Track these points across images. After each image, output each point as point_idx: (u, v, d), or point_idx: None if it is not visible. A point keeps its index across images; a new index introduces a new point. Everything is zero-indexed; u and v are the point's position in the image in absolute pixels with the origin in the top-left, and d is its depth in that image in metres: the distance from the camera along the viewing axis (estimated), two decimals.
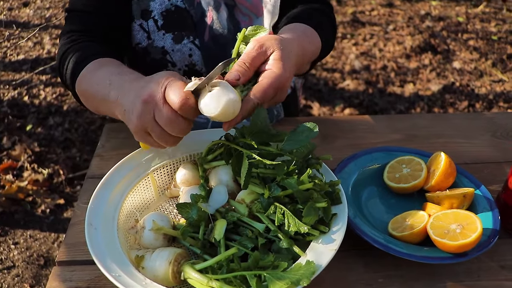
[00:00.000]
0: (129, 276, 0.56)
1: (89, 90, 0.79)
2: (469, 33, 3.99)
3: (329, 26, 0.98)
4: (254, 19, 0.99)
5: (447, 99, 3.06)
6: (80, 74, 0.82)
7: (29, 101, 2.72)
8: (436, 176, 0.77)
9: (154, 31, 0.94)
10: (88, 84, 0.79)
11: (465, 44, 3.80)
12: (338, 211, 0.65)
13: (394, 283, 0.67)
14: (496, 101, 3.08)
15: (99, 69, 0.80)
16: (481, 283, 0.68)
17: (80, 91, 0.83)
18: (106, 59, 0.83)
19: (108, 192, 0.68)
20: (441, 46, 3.81)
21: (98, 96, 0.76)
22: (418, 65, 3.48)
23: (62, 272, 0.67)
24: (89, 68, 0.81)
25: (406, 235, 0.69)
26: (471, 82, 3.29)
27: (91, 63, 0.82)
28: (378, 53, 3.66)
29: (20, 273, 1.83)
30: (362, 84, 3.25)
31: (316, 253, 0.59)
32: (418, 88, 3.24)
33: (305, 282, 0.53)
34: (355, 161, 0.84)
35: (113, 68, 0.78)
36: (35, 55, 3.16)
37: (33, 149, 2.35)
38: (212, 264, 0.58)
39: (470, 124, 1.07)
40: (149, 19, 0.93)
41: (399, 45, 3.79)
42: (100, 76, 0.77)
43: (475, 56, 3.64)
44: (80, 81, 0.82)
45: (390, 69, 3.43)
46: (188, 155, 0.79)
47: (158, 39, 0.94)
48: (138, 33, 0.94)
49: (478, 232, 0.64)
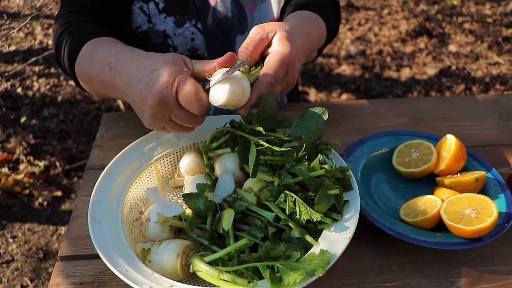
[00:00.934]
0: (136, 270, 0.54)
1: (89, 73, 0.77)
2: (464, 16, 3.96)
3: (333, 12, 0.96)
4: (259, 4, 0.96)
5: (444, 83, 3.04)
6: (78, 57, 0.79)
7: (23, 93, 2.68)
8: (447, 160, 0.75)
9: (155, 14, 0.90)
10: (88, 67, 0.77)
11: (460, 27, 3.77)
12: (350, 197, 0.63)
13: (407, 270, 0.66)
14: (493, 83, 3.07)
15: (95, 52, 0.76)
16: (496, 268, 0.67)
17: (79, 75, 0.80)
18: (101, 39, 0.80)
19: (111, 184, 0.66)
20: (436, 30, 3.78)
21: (101, 82, 0.74)
22: (414, 49, 3.45)
23: (66, 268, 0.64)
24: (86, 50, 0.78)
25: (420, 221, 0.67)
26: (467, 65, 3.28)
27: (87, 44, 0.78)
28: (374, 37, 3.63)
29: (19, 267, 1.81)
30: (358, 69, 3.23)
31: (329, 241, 0.57)
32: (415, 72, 3.22)
33: (320, 272, 0.51)
34: (363, 146, 0.82)
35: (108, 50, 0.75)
36: (27, 45, 3.10)
37: (28, 141, 2.32)
38: (222, 256, 0.56)
39: (475, 107, 1.05)
40: (150, 2, 0.89)
41: (394, 29, 3.76)
42: (99, 61, 0.74)
43: (470, 39, 3.62)
44: (79, 64, 0.79)
45: (386, 53, 3.41)
46: (191, 143, 0.77)
47: (159, 23, 0.91)
48: (139, 16, 0.91)
49: (494, 216, 0.62)
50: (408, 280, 0.64)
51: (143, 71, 0.65)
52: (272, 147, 0.60)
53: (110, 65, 0.71)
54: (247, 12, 0.96)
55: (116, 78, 0.70)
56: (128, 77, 0.68)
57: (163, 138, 0.76)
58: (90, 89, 0.83)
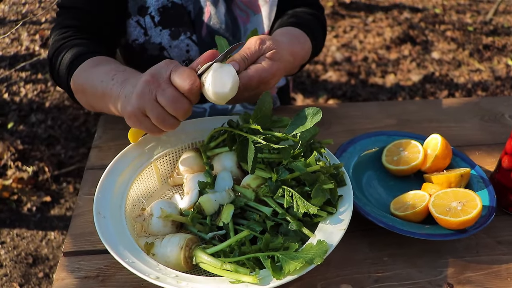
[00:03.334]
0: (142, 262, 0.56)
1: (86, 85, 0.78)
2: (446, 24, 4.07)
3: (321, 31, 1.01)
4: (252, 16, 0.99)
5: (427, 89, 3.12)
6: (77, 70, 0.81)
7: (9, 99, 2.66)
8: (433, 158, 0.79)
9: (151, 27, 0.93)
10: (86, 80, 0.78)
11: (442, 35, 3.87)
12: (344, 192, 0.67)
13: (398, 260, 0.69)
14: (475, 89, 3.15)
15: (98, 66, 0.79)
16: (480, 258, 0.71)
17: (75, 87, 0.81)
18: (104, 57, 0.82)
19: (114, 181, 0.68)
20: (420, 37, 3.87)
21: (97, 92, 0.75)
22: (398, 56, 3.53)
23: (70, 263, 0.66)
24: (87, 65, 0.80)
25: (409, 214, 0.71)
26: (450, 71, 3.37)
27: (88, 60, 0.81)
28: (359, 44, 3.70)
29: (8, 273, 1.79)
30: (344, 75, 3.29)
31: (325, 233, 0.60)
32: (399, 78, 3.29)
33: (318, 260, 0.54)
34: (354, 145, 0.86)
35: (114, 66, 0.77)
36: (13, 51, 3.09)
37: (16, 147, 2.31)
38: (224, 247, 0.59)
39: (458, 109, 1.10)
40: (146, 15, 0.92)
41: (379, 36, 3.84)
42: (100, 73, 0.76)
43: (452, 46, 3.72)
44: (77, 77, 0.80)
45: (371, 60, 3.48)
46: (190, 143, 0.79)
47: (155, 35, 0.93)
48: (135, 30, 0.93)
49: (478, 208, 0.66)
50: (399, 270, 0.68)
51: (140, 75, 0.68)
52: (270, 144, 0.63)
53: (113, 77, 0.73)
54: (240, 24, 0.99)
55: (114, 86, 0.71)
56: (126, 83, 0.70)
57: (162, 138, 0.78)
58: (84, 102, 0.84)
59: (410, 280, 0.66)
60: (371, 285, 0.65)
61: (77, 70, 0.81)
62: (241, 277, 0.53)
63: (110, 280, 0.64)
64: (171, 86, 0.63)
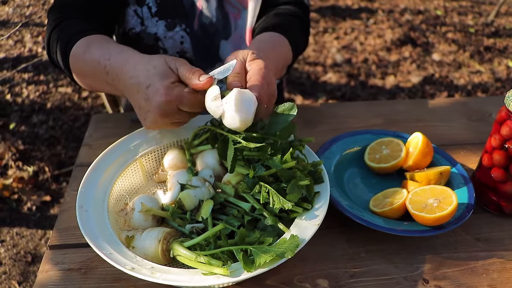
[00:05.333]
0: (120, 254, 0.58)
1: (83, 72, 0.81)
2: (447, 26, 4.07)
3: (302, 32, 1.02)
4: (242, 11, 1.01)
5: (427, 90, 3.12)
6: (71, 54, 0.82)
7: (12, 100, 2.69)
8: (414, 156, 0.81)
9: (147, 18, 0.95)
10: (82, 66, 0.81)
11: (443, 37, 3.87)
12: (321, 189, 0.68)
13: (375, 256, 0.70)
14: (475, 91, 3.15)
15: (89, 50, 0.80)
16: (458, 254, 0.72)
17: (74, 71, 0.84)
18: (93, 37, 0.83)
19: (98, 177, 0.70)
20: (420, 39, 3.87)
21: (97, 80, 0.79)
22: (399, 58, 3.54)
23: (55, 255, 0.68)
24: (79, 49, 0.81)
25: (387, 211, 0.72)
26: (450, 73, 3.36)
27: (80, 41, 0.82)
28: (359, 46, 3.71)
29: (7, 271, 1.82)
30: (344, 77, 3.30)
31: (300, 228, 0.62)
32: (399, 80, 3.30)
33: (289, 254, 0.56)
34: (337, 143, 0.87)
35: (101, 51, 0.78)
36: (16, 53, 3.13)
37: (17, 147, 2.34)
38: (200, 241, 0.60)
39: (447, 109, 1.11)
40: (144, 6, 0.94)
41: (379, 38, 3.84)
42: (92, 59, 0.78)
43: (453, 48, 3.72)
44: (73, 62, 0.82)
45: (371, 61, 3.48)
46: (175, 141, 0.81)
47: (151, 26, 0.96)
48: (132, 19, 0.95)
49: (453, 205, 0.67)
50: (376, 266, 0.69)
51: (137, 84, 0.69)
52: (248, 144, 0.64)
53: (106, 69, 0.75)
54: (231, 19, 1.01)
55: (114, 81, 0.74)
56: (124, 85, 0.72)
57: (148, 135, 0.80)
58: (85, 85, 0.86)
59: (386, 275, 0.67)
60: (347, 280, 0.66)
61: (71, 54, 0.82)
62: (214, 269, 0.55)
63: (92, 272, 0.66)
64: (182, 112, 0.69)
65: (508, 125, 0.72)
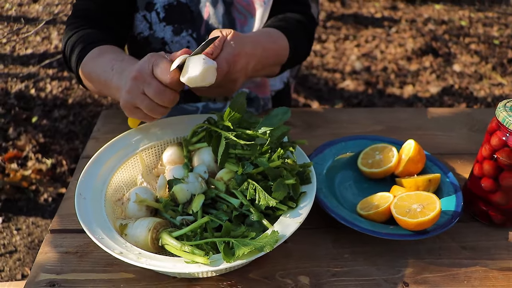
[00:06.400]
0: (111, 239, 0.62)
1: (92, 74, 0.85)
2: (471, 37, 4.02)
3: (305, 38, 1.04)
4: (249, 18, 1.05)
5: (445, 101, 3.09)
6: (84, 59, 0.88)
7: (36, 94, 2.79)
8: (405, 162, 0.82)
9: (156, 23, 1.00)
10: (92, 69, 0.85)
11: (466, 48, 3.83)
12: (307, 189, 0.71)
13: (359, 258, 0.72)
14: (494, 103, 3.11)
15: (102, 55, 0.86)
16: (442, 260, 0.73)
17: (84, 75, 0.89)
18: (108, 46, 0.89)
19: (98, 168, 0.74)
20: (442, 49, 3.84)
21: (101, 81, 0.83)
22: (419, 67, 3.51)
23: (54, 239, 0.73)
24: (93, 54, 0.87)
25: (372, 214, 0.74)
26: (470, 84, 3.33)
27: (94, 49, 0.88)
28: (380, 54, 3.70)
29: (21, 258, 1.89)
30: (361, 84, 3.29)
31: (283, 225, 0.65)
32: (417, 89, 3.28)
33: (268, 248, 0.59)
34: (332, 147, 0.89)
35: (115, 55, 0.84)
36: (42, 49, 3.24)
37: (38, 140, 2.42)
38: (187, 232, 0.64)
39: (449, 119, 1.12)
40: (152, 11, 0.99)
41: (400, 47, 3.83)
42: (103, 62, 0.83)
43: (475, 59, 3.67)
44: (84, 66, 0.88)
45: (390, 70, 3.47)
46: (174, 138, 0.85)
47: (159, 30, 1.00)
48: (141, 24, 1.00)
49: (436, 211, 0.69)
50: (358, 267, 0.71)
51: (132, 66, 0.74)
52: (238, 140, 0.68)
53: (113, 67, 0.80)
54: (237, 25, 1.05)
55: (114, 77, 0.79)
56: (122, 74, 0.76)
57: (149, 131, 0.84)
58: (92, 88, 0.92)
59: (367, 276, 0.69)
60: (328, 278, 0.68)
61: (84, 60, 0.88)
62: (196, 258, 0.58)
63: (87, 256, 0.70)
64: (155, 79, 0.70)
65: (497, 135, 0.74)
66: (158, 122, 0.86)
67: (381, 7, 4.63)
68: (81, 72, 0.89)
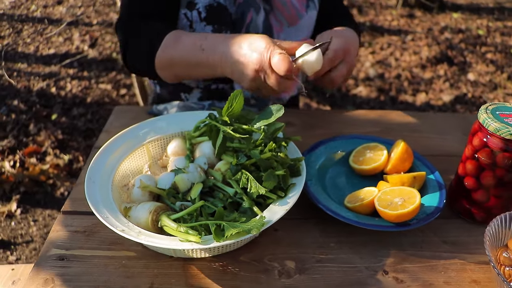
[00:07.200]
0: (115, 218, 0.69)
1: (175, 59, 0.94)
2: (487, 46, 4.01)
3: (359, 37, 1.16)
4: (285, 27, 1.12)
5: (458, 109, 3.10)
6: (160, 48, 0.96)
7: (56, 92, 2.91)
8: (393, 160, 0.87)
9: (196, 22, 1.05)
10: (174, 54, 0.94)
11: (482, 57, 3.82)
12: (297, 181, 0.76)
13: (344, 247, 0.78)
14: None
15: (179, 40, 0.95)
16: (422, 253, 0.78)
17: (161, 63, 0.97)
18: (178, 31, 0.98)
19: (108, 156, 0.81)
20: (457, 58, 3.84)
21: (190, 62, 0.92)
22: (433, 76, 3.53)
23: (65, 219, 0.80)
24: (168, 41, 0.96)
25: (357, 206, 0.79)
26: (484, 94, 3.33)
27: (166, 37, 0.96)
28: (394, 62, 3.72)
29: (37, 247, 1.98)
30: (374, 91, 3.32)
31: (271, 212, 0.70)
32: (430, 97, 3.29)
33: (254, 231, 0.65)
34: (326, 145, 0.95)
35: (193, 36, 0.94)
36: (64, 50, 3.37)
37: (57, 136, 2.53)
38: (184, 214, 0.70)
39: (446, 123, 1.16)
40: (194, 10, 1.04)
41: (415, 55, 3.84)
42: (186, 46, 0.92)
43: (491, 68, 3.67)
44: (162, 54, 0.96)
45: (404, 78, 3.49)
46: (179, 132, 0.92)
47: (199, 29, 1.06)
48: (182, 21, 1.06)
49: (415, 204, 0.74)
50: (342, 255, 0.76)
51: (237, 45, 0.85)
52: (234, 134, 0.74)
53: (201, 47, 0.90)
54: (274, 32, 1.11)
55: (209, 57, 0.89)
56: (222, 54, 0.87)
57: (156, 125, 0.91)
58: (170, 75, 1.00)
59: (349, 264, 0.74)
60: (313, 264, 0.74)
61: (160, 48, 0.96)
62: (189, 237, 0.64)
63: (94, 235, 0.77)
64: (273, 72, 0.82)
65: (478, 136, 0.78)
66: (165, 117, 0.93)
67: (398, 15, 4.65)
68: (158, 61, 0.97)
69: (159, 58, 0.97)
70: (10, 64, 3.18)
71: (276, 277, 0.71)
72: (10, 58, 3.25)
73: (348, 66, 0.93)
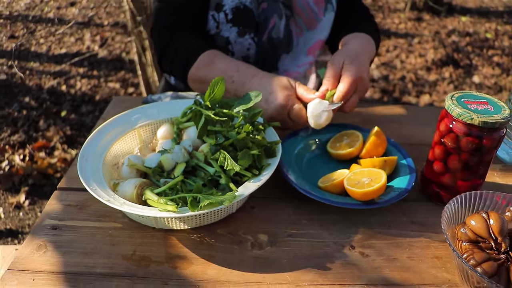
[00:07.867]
0: (102, 190, 0.75)
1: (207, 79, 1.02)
2: (495, 49, 4.02)
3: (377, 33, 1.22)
4: (305, 31, 1.18)
5: None
6: (195, 65, 1.05)
7: (66, 90, 3.01)
8: (366, 145, 0.93)
9: (223, 23, 1.12)
10: (207, 75, 1.03)
11: (488, 60, 3.83)
12: (272, 162, 0.82)
13: (315, 224, 0.83)
14: None
15: (213, 63, 1.03)
16: (390, 231, 0.83)
17: (194, 78, 1.07)
18: (212, 51, 1.05)
19: (101, 137, 0.88)
20: (463, 61, 3.85)
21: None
22: (437, 78, 3.55)
23: (60, 195, 0.87)
24: (203, 61, 1.04)
25: (328, 186, 0.85)
26: None
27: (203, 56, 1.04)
28: (399, 64, 3.75)
29: None
30: (377, 92, 3.36)
31: (245, 188, 0.76)
32: (434, 99, 3.31)
33: (227, 203, 0.71)
34: (305, 131, 1.01)
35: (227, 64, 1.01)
36: (75, 49, 3.47)
37: (65, 132, 2.62)
38: (165, 189, 0.77)
39: (428, 115, 1.21)
40: (221, 12, 1.11)
41: (421, 57, 3.87)
42: (219, 71, 1.00)
43: (497, 71, 3.68)
44: (197, 71, 1.05)
45: (408, 79, 3.52)
46: (169, 118, 0.98)
47: (225, 30, 1.13)
48: (210, 22, 1.13)
49: (381, 183, 0.79)
50: (313, 231, 0.82)
51: (262, 90, 0.93)
52: (214, 117, 0.81)
53: (232, 78, 0.98)
54: (294, 36, 1.18)
55: (238, 89, 0.97)
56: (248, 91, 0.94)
57: (148, 111, 0.98)
58: (199, 88, 1.09)
59: (318, 238, 0.80)
60: (284, 238, 0.79)
61: (194, 65, 1.05)
62: (167, 207, 0.71)
63: (85, 209, 0.84)
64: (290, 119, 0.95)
65: (444, 122, 0.83)
66: (156, 104, 1.00)
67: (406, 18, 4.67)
68: (191, 76, 1.07)
69: (192, 75, 1.06)
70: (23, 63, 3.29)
71: (248, 248, 0.77)
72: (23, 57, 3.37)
73: (361, 94, 0.97)
